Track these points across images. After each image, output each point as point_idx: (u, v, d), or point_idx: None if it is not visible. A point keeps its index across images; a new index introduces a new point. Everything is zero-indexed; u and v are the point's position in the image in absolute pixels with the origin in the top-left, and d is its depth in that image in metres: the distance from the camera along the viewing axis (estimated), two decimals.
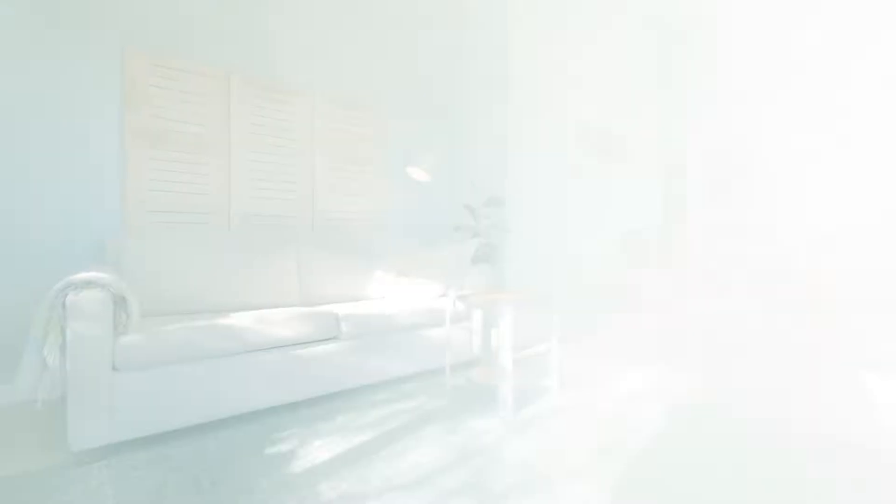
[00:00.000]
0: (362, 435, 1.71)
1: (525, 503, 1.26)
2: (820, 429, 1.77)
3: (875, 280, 3.04)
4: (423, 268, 2.65)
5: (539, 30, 3.37)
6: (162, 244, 2.15)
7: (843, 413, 1.92)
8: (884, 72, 3.14)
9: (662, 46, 4.58)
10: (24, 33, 2.10)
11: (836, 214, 3.35)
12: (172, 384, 1.63)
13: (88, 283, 1.50)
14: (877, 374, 2.42)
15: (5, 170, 2.06)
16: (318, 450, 1.59)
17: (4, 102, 2.06)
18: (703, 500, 1.28)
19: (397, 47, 3.46)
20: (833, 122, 3.41)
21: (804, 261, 3.37)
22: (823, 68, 3.52)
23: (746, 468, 1.46)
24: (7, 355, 2.05)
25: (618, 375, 2.48)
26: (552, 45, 3.47)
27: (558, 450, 1.58)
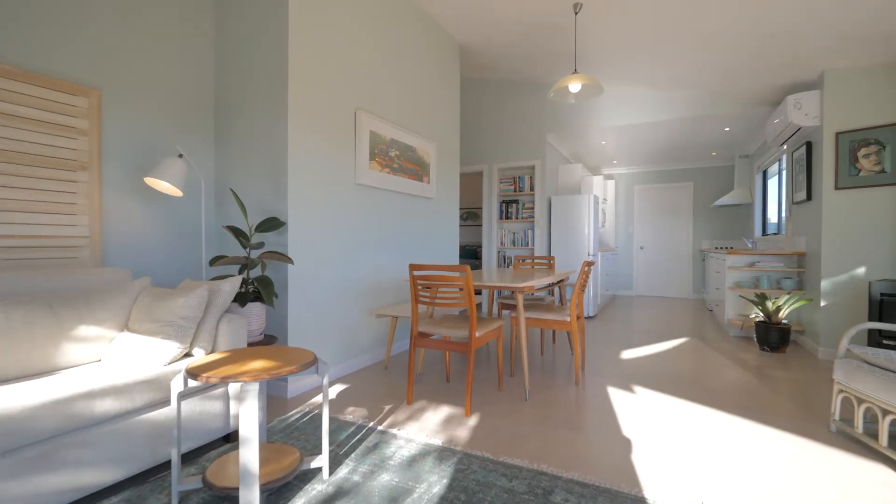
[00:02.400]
0: None
1: None
2: None
3: None
4: (160, 316, 1.96)
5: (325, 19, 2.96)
6: None
7: None
8: None
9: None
10: None
11: None
12: None
13: None
14: None
15: None
16: None
17: None
18: None
19: (142, 15, 2.60)
20: None
21: None
22: None
23: None
24: None
25: (398, 438, 2.26)
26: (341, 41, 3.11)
27: None
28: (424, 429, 2.25)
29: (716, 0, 3.07)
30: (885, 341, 2.96)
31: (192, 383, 1.87)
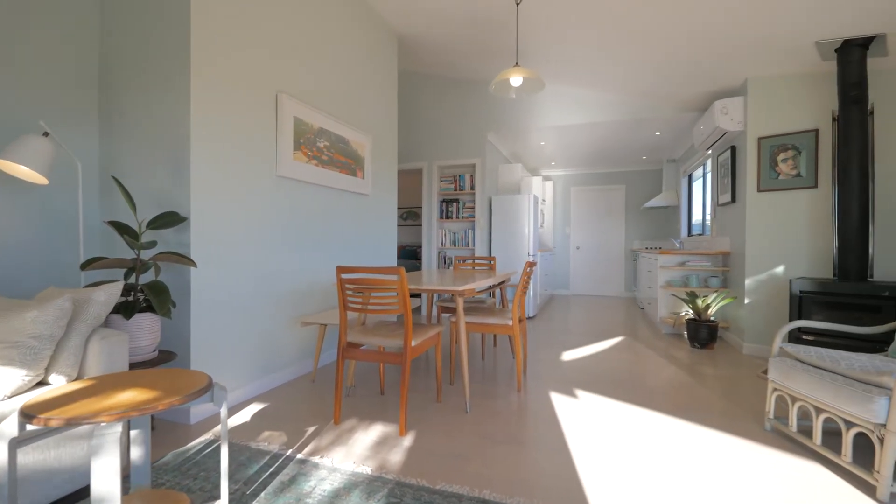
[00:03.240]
0: None
1: None
2: None
3: None
4: (2, 336, 1.52)
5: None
6: None
7: None
8: None
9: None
10: None
11: None
12: None
13: None
14: None
15: None
16: None
17: None
18: None
19: None
20: None
21: None
22: None
23: None
24: None
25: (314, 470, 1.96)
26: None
27: None
28: (352, 454, 1.97)
29: (651, 0, 3.07)
30: (804, 336, 3.10)
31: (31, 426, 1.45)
